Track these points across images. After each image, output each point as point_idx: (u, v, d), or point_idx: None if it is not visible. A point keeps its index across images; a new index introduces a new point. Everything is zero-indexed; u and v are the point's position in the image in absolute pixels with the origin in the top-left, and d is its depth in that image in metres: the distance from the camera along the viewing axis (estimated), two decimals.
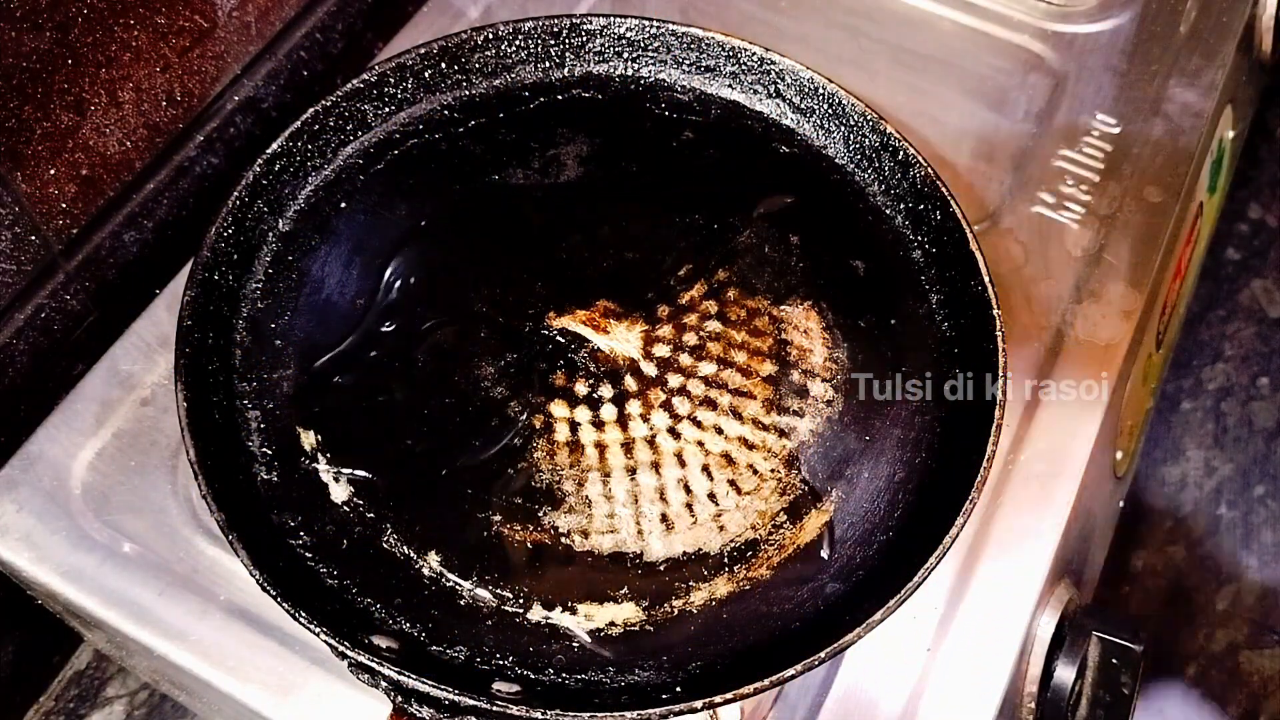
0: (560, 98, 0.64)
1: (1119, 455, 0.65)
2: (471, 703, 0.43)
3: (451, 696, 0.43)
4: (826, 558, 0.50)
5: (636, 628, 0.49)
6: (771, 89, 0.63)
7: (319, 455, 0.52)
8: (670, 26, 0.62)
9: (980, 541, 0.55)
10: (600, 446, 0.53)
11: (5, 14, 0.48)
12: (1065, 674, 0.53)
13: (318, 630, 0.43)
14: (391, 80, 0.61)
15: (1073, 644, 0.54)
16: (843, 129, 0.61)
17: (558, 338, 0.55)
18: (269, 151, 0.56)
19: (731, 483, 0.52)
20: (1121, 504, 0.71)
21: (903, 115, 0.70)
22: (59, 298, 0.58)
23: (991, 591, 0.54)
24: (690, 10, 0.75)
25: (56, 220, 0.56)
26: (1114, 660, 0.53)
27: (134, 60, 0.56)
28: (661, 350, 0.55)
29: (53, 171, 0.54)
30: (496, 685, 0.45)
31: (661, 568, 0.50)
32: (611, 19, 0.63)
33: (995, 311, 0.52)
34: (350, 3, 0.71)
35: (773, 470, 0.52)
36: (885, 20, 0.75)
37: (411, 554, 0.50)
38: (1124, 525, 0.75)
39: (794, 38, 0.74)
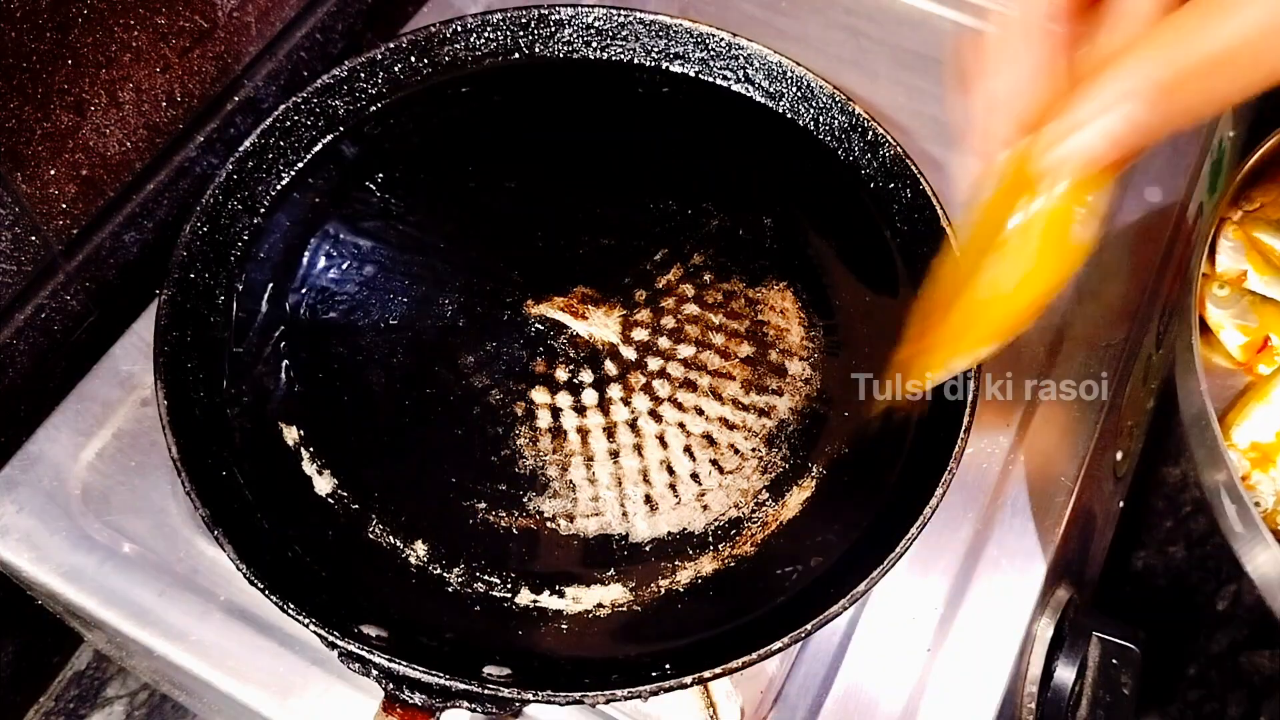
0: (531, 88, 0.64)
1: (1119, 455, 0.65)
2: (463, 687, 0.43)
3: (443, 681, 0.43)
4: (809, 533, 0.51)
5: (624, 608, 0.49)
6: (740, 74, 0.63)
7: (301, 449, 0.52)
8: (637, 14, 0.62)
9: (980, 542, 0.55)
10: (582, 431, 0.53)
11: (5, 14, 0.48)
12: (1065, 674, 0.53)
13: (306, 621, 0.43)
14: (362, 75, 0.61)
15: (1073, 644, 0.54)
16: (812, 111, 0.61)
17: (537, 325, 0.56)
18: (241, 150, 0.56)
19: (714, 463, 0.53)
20: (1121, 504, 0.71)
21: (903, 116, 0.70)
22: (59, 298, 0.58)
23: (991, 592, 0.54)
24: (690, 11, 0.75)
25: (56, 220, 0.56)
26: (1114, 660, 0.53)
27: (134, 60, 0.56)
28: (640, 334, 0.56)
29: (53, 172, 0.54)
30: (487, 669, 0.45)
31: (647, 548, 0.50)
32: (579, 8, 0.62)
33: None
34: (350, 3, 0.71)
35: (754, 449, 0.53)
36: (885, 20, 0.75)
37: (398, 544, 0.50)
38: (1124, 525, 0.75)
39: (794, 38, 0.74)
